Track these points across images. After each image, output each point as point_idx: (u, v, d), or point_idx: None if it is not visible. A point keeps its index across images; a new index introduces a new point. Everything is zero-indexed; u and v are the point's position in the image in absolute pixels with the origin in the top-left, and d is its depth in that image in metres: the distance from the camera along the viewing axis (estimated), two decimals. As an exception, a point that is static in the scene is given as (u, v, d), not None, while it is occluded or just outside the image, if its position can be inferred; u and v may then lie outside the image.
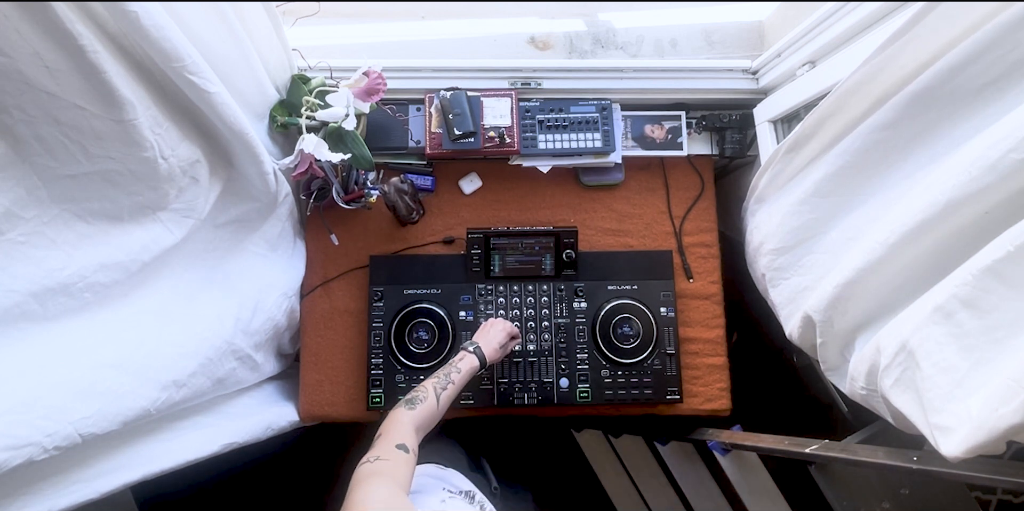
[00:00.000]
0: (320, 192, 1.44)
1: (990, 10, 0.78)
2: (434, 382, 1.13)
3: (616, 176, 1.52)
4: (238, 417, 1.32)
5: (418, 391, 1.10)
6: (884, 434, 1.22)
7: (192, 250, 1.15)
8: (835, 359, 1.17)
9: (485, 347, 1.25)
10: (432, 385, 1.12)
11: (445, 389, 1.13)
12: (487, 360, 1.23)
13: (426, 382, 1.14)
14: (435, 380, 1.14)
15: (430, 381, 1.14)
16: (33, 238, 0.86)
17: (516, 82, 1.44)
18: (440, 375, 1.16)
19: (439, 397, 1.11)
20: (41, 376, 0.89)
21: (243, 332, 1.26)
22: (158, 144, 0.92)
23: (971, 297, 0.75)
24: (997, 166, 0.73)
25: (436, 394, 1.11)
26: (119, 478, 1.05)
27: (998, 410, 0.68)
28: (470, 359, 1.21)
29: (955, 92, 0.86)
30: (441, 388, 1.13)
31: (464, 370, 1.18)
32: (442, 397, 1.11)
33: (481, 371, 1.24)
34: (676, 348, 1.43)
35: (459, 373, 1.17)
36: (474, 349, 1.23)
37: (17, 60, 0.72)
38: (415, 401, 1.08)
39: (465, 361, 1.20)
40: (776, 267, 1.28)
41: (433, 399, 1.10)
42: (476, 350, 1.23)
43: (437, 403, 1.10)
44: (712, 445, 1.44)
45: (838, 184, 1.09)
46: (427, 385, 1.12)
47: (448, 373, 1.16)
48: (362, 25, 1.51)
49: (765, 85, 1.42)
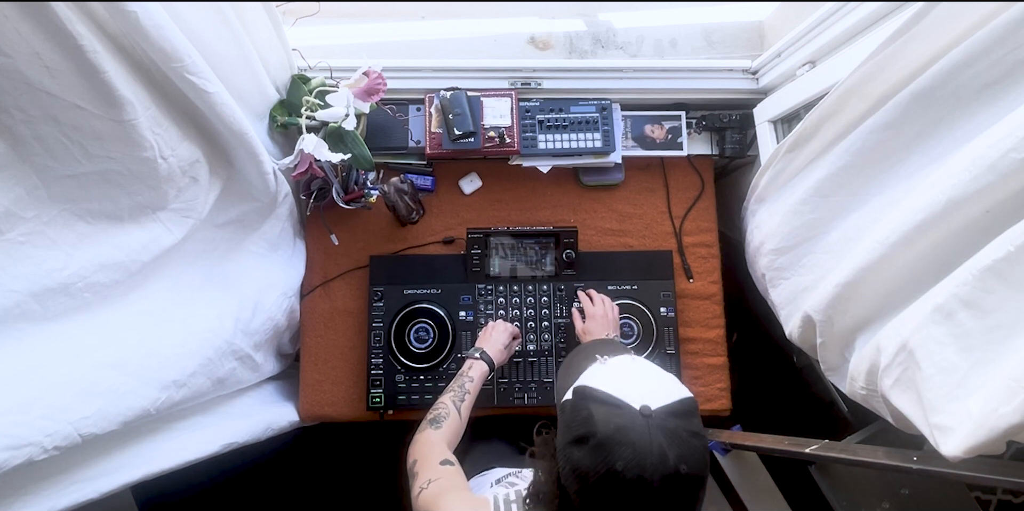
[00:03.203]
0: (320, 192, 1.44)
1: (991, 10, 0.78)
2: (451, 396, 1.15)
3: (616, 176, 1.52)
4: (238, 417, 1.32)
5: (439, 409, 1.12)
6: (884, 434, 1.22)
7: (192, 250, 1.15)
8: (835, 359, 1.17)
9: (490, 350, 1.26)
10: (450, 400, 1.14)
11: (463, 400, 1.15)
12: (495, 363, 1.24)
13: (443, 398, 1.15)
14: (451, 394, 1.15)
15: (447, 396, 1.15)
16: (33, 238, 0.86)
17: (516, 82, 1.44)
18: (455, 388, 1.17)
19: (459, 410, 1.13)
20: (41, 376, 0.89)
21: (243, 332, 1.26)
22: (158, 144, 0.92)
23: (971, 297, 0.75)
24: (997, 165, 0.73)
25: (456, 408, 1.13)
26: (119, 478, 1.05)
27: (998, 410, 0.68)
28: (479, 366, 1.22)
29: (956, 92, 0.86)
30: (460, 400, 1.14)
31: (476, 378, 1.19)
32: (462, 409, 1.13)
33: (491, 375, 1.25)
34: (676, 348, 1.43)
35: (472, 382, 1.18)
36: (480, 355, 1.24)
37: (17, 60, 0.72)
38: (439, 420, 1.09)
39: (475, 369, 1.21)
40: (776, 267, 1.28)
41: (456, 413, 1.12)
42: (483, 355, 1.24)
43: (460, 416, 1.12)
44: (712, 445, 1.44)
45: (839, 184, 1.09)
46: (445, 401, 1.14)
47: (462, 384, 1.17)
48: (362, 25, 1.51)
49: (765, 85, 1.42)
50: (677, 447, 0.67)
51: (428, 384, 1.40)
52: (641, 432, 0.67)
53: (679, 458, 0.66)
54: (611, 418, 0.69)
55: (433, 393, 1.39)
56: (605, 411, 0.70)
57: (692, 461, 0.67)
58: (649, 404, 0.69)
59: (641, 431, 0.67)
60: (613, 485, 0.66)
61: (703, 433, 0.71)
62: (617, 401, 0.70)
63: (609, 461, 0.66)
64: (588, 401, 0.72)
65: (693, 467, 0.67)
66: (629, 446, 0.66)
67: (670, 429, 0.68)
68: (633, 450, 0.66)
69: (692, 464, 0.67)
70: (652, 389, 0.72)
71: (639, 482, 0.65)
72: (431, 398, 1.39)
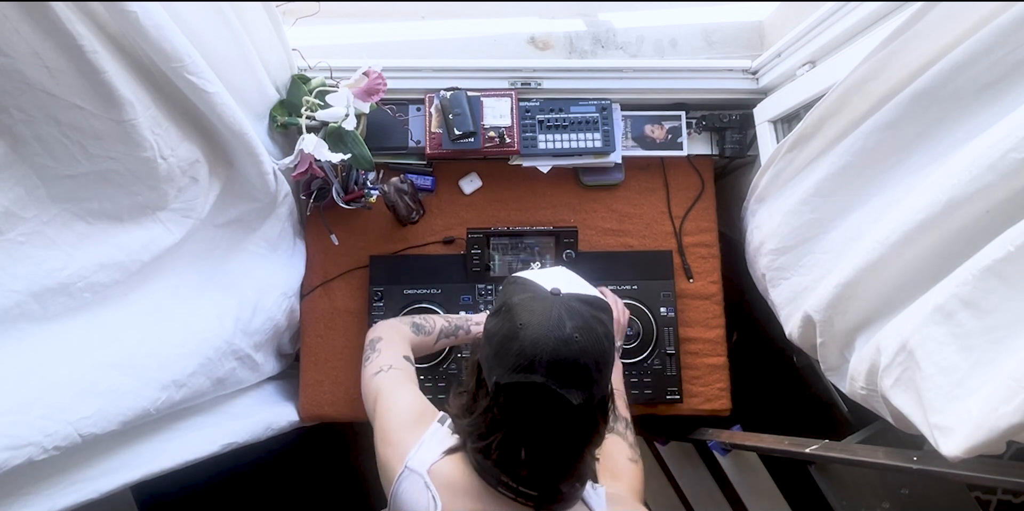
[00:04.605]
0: (320, 192, 1.44)
1: (991, 10, 0.78)
2: (443, 324, 1.15)
3: (616, 176, 1.52)
4: (238, 417, 1.32)
5: (426, 322, 1.12)
6: (884, 434, 1.22)
7: (192, 250, 1.15)
8: (835, 359, 1.17)
9: None
10: (440, 326, 1.14)
11: (448, 337, 1.15)
12: None
13: (437, 318, 1.15)
14: (445, 323, 1.16)
15: (441, 321, 1.15)
16: (33, 238, 0.86)
17: (516, 82, 1.44)
18: (452, 321, 1.17)
19: (437, 339, 1.14)
20: (41, 376, 0.89)
21: (243, 332, 1.26)
22: (158, 144, 0.92)
23: (972, 297, 0.75)
24: (997, 165, 0.73)
25: (438, 335, 1.14)
26: (119, 478, 1.05)
27: (998, 410, 0.68)
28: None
29: (957, 92, 0.86)
30: (446, 334, 1.15)
31: (473, 332, 1.18)
32: (440, 341, 1.15)
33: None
34: (676, 348, 1.43)
35: (467, 333, 1.18)
36: None
37: (17, 60, 0.73)
38: (420, 329, 1.11)
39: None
40: (776, 267, 1.28)
41: (433, 338, 1.13)
42: None
43: (433, 343, 1.14)
44: (712, 445, 1.45)
45: (839, 184, 1.09)
46: (436, 322, 1.14)
47: (460, 326, 1.17)
48: (362, 25, 1.51)
49: (765, 85, 1.42)
50: (575, 320, 0.73)
51: (428, 384, 1.40)
52: (545, 303, 0.75)
53: (575, 328, 0.72)
54: (524, 293, 0.77)
55: (433, 393, 1.39)
56: (521, 289, 0.78)
57: (587, 335, 0.73)
58: (560, 288, 0.77)
59: (546, 303, 0.75)
60: (513, 342, 0.72)
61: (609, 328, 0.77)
62: (534, 283, 0.79)
63: (512, 322, 0.74)
64: (510, 285, 0.81)
65: (587, 340, 0.72)
66: (531, 312, 0.74)
67: (574, 307, 0.75)
68: (533, 314, 0.73)
69: (586, 337, 0.73)
70: (571, 283, 0.80)
71: (535, 341, 0.71)
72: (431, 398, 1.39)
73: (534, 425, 0.73)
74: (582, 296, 0.77)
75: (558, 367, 0.71)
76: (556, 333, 0.71)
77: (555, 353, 0.71)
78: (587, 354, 0.72)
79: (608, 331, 0.76)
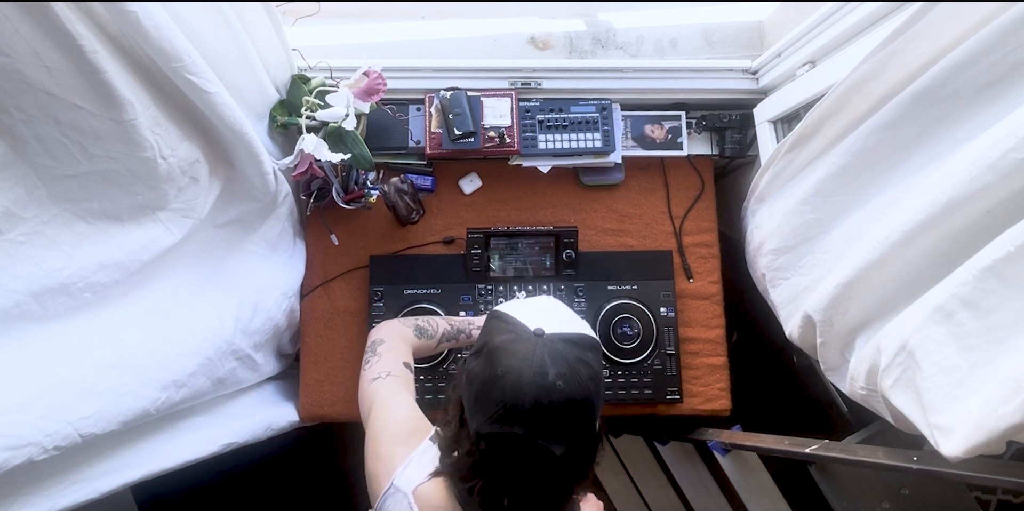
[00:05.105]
0: (320, 192, 1.44)
1: (991, 10, 0.78)
2: (446, 327, 1.14)
3: (616, 176, 1.52)
4: (238, 417, 1.32)
5: (429, 325, 1.12)
6: (884, 434, 1.23)
7: (192, 250, 1.15)
8: (835, 359, 1.17)
9: None
10: (443, 329, 1.13)
11: (450, 341, 1.14)
12: None
13: (440, 321, 1.14)
14: (448, 327, 1.15)
15: (444, 324, 1.14)
16: (33, 238, 0.86)
17: (516, 82, 1.44)
18: (455, 325, 1.16)
19: (439, 343, 1.13)
20: (41, 376, 0.89)
21: (243, 332, 1.26)
22: (158, 144, 0.92)
23: (972, 297, 0.75)
24: (997, 165, 0.73)
25: (440, 339, 1.13)
26: (119, 478, 1.05)
27: (998, 410, 0.68)
28: None
29: (957, 92, 0.86)
30: (448, 338, 1.14)
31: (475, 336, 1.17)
32: (441, 345, 1.14)
33: None
34: (676, 348, 1.43)
35: (469, 337, 1.17)
36: None
37: (17, 60, 0.72)
38: (423, 333, 1.10)
39: None
40: (776, 267, 1.28)
41: (435, 342, 1.12)
42: None
43: (435, 347, 1.13)
44: (712, 445, 1.45)
45: (839, 184, 1.09)
46: (439, 326, 1.13)
47: (462, 330, 1.16)
48: (362, 25, 1.51)
49: (765, 85, 1.42)
50: (559, 365, 0.71)
51: (428, 384, 1.40)
52: (528, 347, 0.72)
53: (559, 375, 0.70)
54: (506, 333, 0.75)
55: (433, 393, 1.39)
56: (504, 327, 0.76)
57: (571, 382, 0.70)
58: (544, 328, 0.74)
59: (528, 347, 0.72)
60: (493, 389, 0.70)
61: (596, 368, 0.74)
62: (517, 322, 0.76)
63: (493, 367, 0.71)
64: (493, 320, 0.78)
65: (571, 387, 0.70)
66: (513, 356, 0.71)
67: (558, 350, 0.72)
68: (516, 359, 0.71)
69: (571, 384, 0.70)
70: (554, 319, 0.77)
71: (516, 389, 0.69)
72: (431, 398, 1.39)
73: (516, 475, 0.72)
74: (567, 335, 0.74)
75: (540, 418, 0.69)
76: (539, 381, 0.69)
77: (537, 403, 0.68)
78: (571, 402, 0.70)
79: (595, 372, 0.73)
